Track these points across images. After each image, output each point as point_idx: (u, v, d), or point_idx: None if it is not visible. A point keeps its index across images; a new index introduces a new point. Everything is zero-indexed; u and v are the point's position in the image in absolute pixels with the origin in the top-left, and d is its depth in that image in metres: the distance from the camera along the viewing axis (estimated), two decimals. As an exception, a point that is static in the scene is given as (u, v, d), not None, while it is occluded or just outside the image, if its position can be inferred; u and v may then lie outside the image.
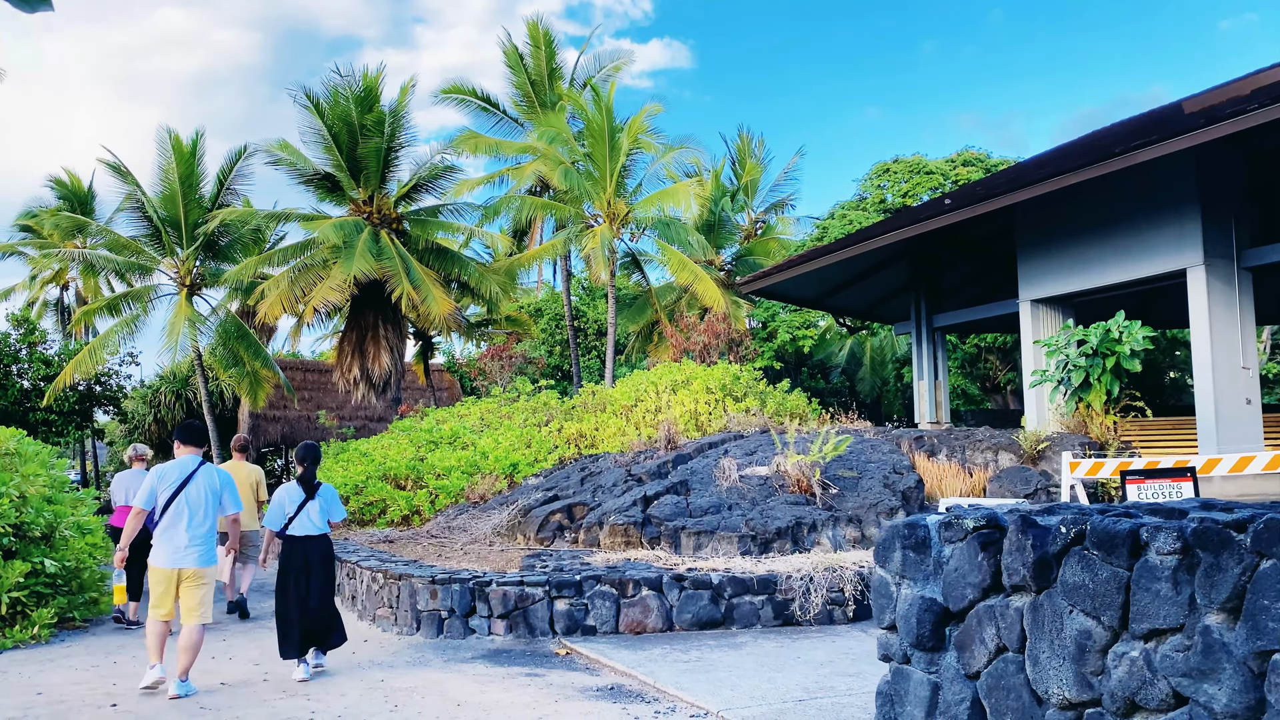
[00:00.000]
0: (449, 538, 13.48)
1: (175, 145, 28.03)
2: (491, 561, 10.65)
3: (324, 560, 7.98)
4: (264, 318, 25.53)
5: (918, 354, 20.13)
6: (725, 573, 8.87)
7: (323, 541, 8.00)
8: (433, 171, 26.55)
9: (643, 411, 20.08)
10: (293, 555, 7.83)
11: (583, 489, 13.58)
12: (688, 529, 10.75)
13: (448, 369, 39.18)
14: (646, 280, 31.57)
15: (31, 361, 29.75)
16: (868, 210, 29.08)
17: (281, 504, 7.93)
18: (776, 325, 28.47)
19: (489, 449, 18.35)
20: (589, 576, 8.74)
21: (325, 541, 8.04)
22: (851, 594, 8.65)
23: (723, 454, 13.06)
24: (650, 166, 28.61)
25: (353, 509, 16.98)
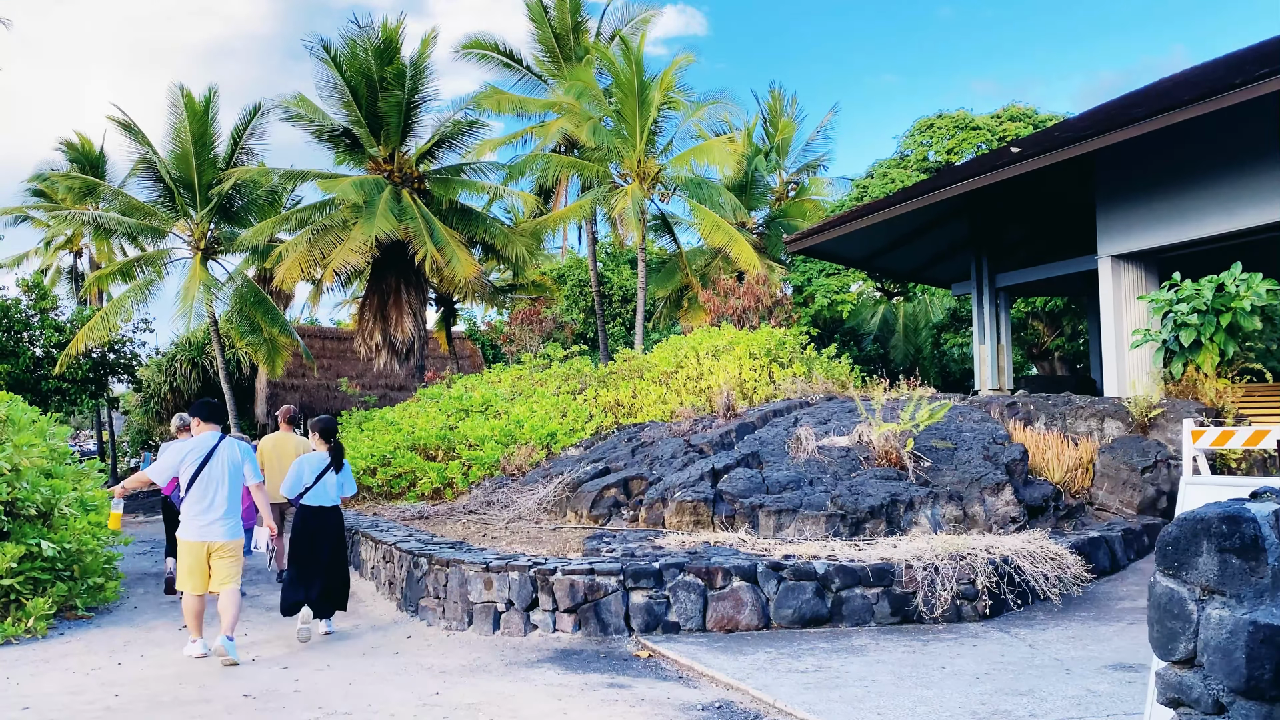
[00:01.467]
0: (489, 514, 12.14)
1: (188, 103, 26.61)
2: (545, 543, 9.29)
3: (338, 531, 8.20)
4: (280, 282, 24.14)
5: (979, 316, 18.63)
6: (830, 561, 7.48)
7: (335, 513, 8.23)
8: (455, 127, 25.03)
9: (683, 378, 18.69)
10: (309, 525, 7.99)
11: (635, 461, 12.21)
12: (766, 507, 9.37)
13: (470, 337, 37.83)
14: (677, 243, 30.04)
15: (43, 328, 28.45)
16: (909, 168, 27.48)
17: (300, 473, 8.10)
18: (813, 290, 26.97)
19: (524, 417, 17.01)
20: (670, 565, 7.36)
21: (338, 513, 8.27)
22: (984, 586, 7.25)
23: (793, 423, 11.65)
24: (682, 123, 26.97)
25: (381, 481, 15.69)
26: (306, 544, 7.93)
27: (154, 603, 9.84)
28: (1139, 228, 14.90)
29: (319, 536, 7.98)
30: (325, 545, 8.01)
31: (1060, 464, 10.34)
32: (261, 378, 33.08)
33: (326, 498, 8.09)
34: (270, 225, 24.61)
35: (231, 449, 7.47)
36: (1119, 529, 9.28)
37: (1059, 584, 7.53)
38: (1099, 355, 22.61)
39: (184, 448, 7.41)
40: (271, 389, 33.05)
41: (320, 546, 7.97)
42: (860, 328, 33.97)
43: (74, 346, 25.88)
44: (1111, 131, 13.09)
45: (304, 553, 7.91)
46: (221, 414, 7.90)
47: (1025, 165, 14.53)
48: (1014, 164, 14.73)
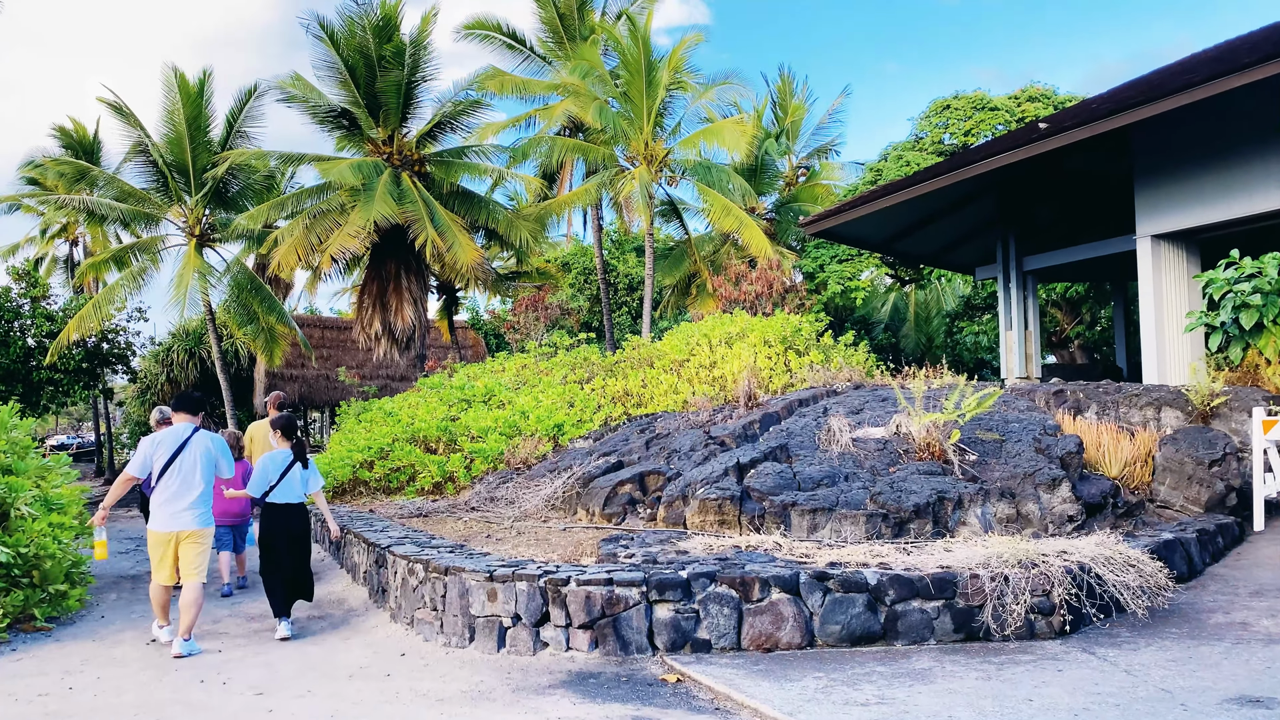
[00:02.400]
0: (493, 511, 11.18)
1: (181, 85, 25.58)
2: (555, 546, 8.33)
3: (304, 528, 8.13)
4: (276, 268, 23.17)
5: (1005, 301, 17.63)
6: (882, 569, 6.50)
7: (301, 509, 8.12)
8: (456, 108, 23.99)
9: (695, 367, 17.73)
10: (275, 522, 7.90)
11: (649, 454, 11.24)
12: (799, 505, 8.39)
13: (473, 326, 36.85)
14: (685, 229, 29.03)
15: (35, 317, 27.45)
16: (925, 151, 26.42)
17: (265, 471, 7.95)
18: (826, 276, 25.96)
19: (529, 408, 16.04)
20: (700, 574, 6.39)
21: (303, 511, 8.17)
22: (1061, 599, 6.27)
23: (822, 413, 10.67)
24: (691, 104, 25.98)
25: (378, 475, 14.73)
26: (277, 541, 7.88)
27: (125, 611, 8.89)
28: (1181, 205, 13.90)
29: (289, 533, 7.93)
30: (296, 541, 8.01)
31: (1117, 457, 9.36)
32: (260, 368, 32.13)
33: (292, 495, 7.99)
34: (266, 210, 23.61)
35: (205, 441, 7.41)
36: (1192, 530, 8.30)
37: (1143, 595, 6.55)
38: (1123, 342, 21.67)
39: (157, 438, 7.37)
40: (270, 379, 32.10)
41: (291, 542, 7.94)
42: (871, 316, 32.99)
43: (65, 336, 24.92)
44: (1159, 100, 12.08)
45: (276, 550, 7.86)
46: (198, 405, 7.70)
47: (1063, 138, 13.52)
48: (1050, 137, 13.72)
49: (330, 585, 9.69)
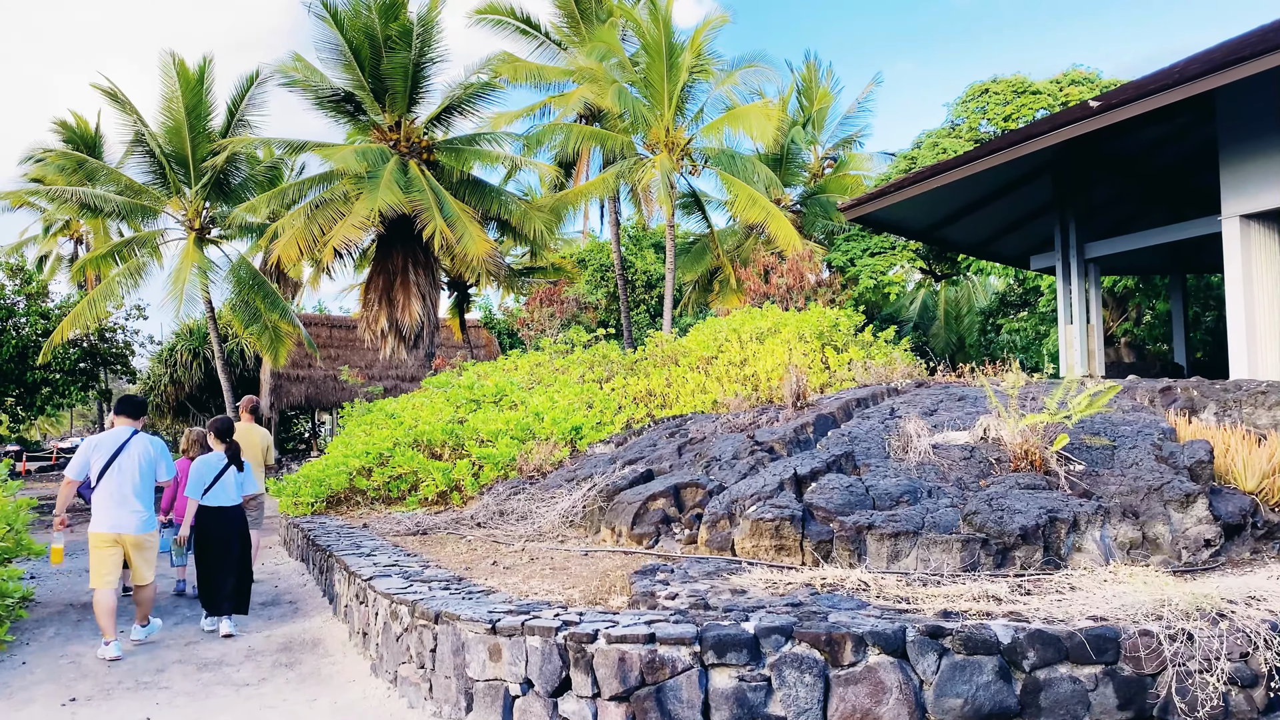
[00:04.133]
0: (502, 528, 9.55)
1: (181, 72, 24.15)
2: (576, 577, 6.68)
3: (241, 530, 8.04)
4: (275, 260, 21.58)
5: (1064, 292, 15.89)
6: (1015, 621, 4.82)
7: (238, 511, 8.07)
8: (467, 91, 22.40)
9: (725, 364, 16.07)
10: (211, 525, 7.84)
11: (683, 462, 9.58)
12: (876, 528, 6.72)
13: (485, 325, 35.25)
14: (708, 221, 27.33)
15: (29, 315, 26.01)
16: (961, 138, 24.70)
17: (200, 474, 7.87)
18: (857, 271, 24.24)
19: (544, 409, 14.41)
20: (772, 629, 4.72)
21: (240, 511, 8.11)
22: (1271, 665, 4.57)
23: (889, 414, 8.99)
24: (714, 89, 24.30)
25: (377, 484, 13.12)
26: (214, 543, 7.79)
27: (57, 652, 7.26)
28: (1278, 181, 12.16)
29: (225, 536, 7.84)
30: (233, 543, 7.88)
31: (1253, 467, 7.63)
32: (266, 368, 30.63)
33: (227, 497, 7.93)
34: (265, 200, 22.09)
35: (143, 444, 7.25)
36: (1370, 560, 6.58)
37: (1364, 657, 4.84)
38: (1182, 338, 19.88)
39: (94, 441, 7.22)
40: (276, 380, 30.59)
41: (228, 545, 7.83)
42: (899, 314, 31.24)
43: (59, 334, 23.47)
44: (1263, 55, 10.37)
45: (214, 552, 7.79)
46: (139, 409, 7.55)
47: (1145, 104, 11.81)
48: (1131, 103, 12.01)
49: (307, 620, 8.06)
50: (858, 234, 25.61)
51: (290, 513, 13.18)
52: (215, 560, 7.73)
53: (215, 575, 7.69)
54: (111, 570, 6.96)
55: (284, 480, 14.15)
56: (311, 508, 13.08)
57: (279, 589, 9.52)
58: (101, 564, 6.93)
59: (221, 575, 7.68)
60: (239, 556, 7.89)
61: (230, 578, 7.73)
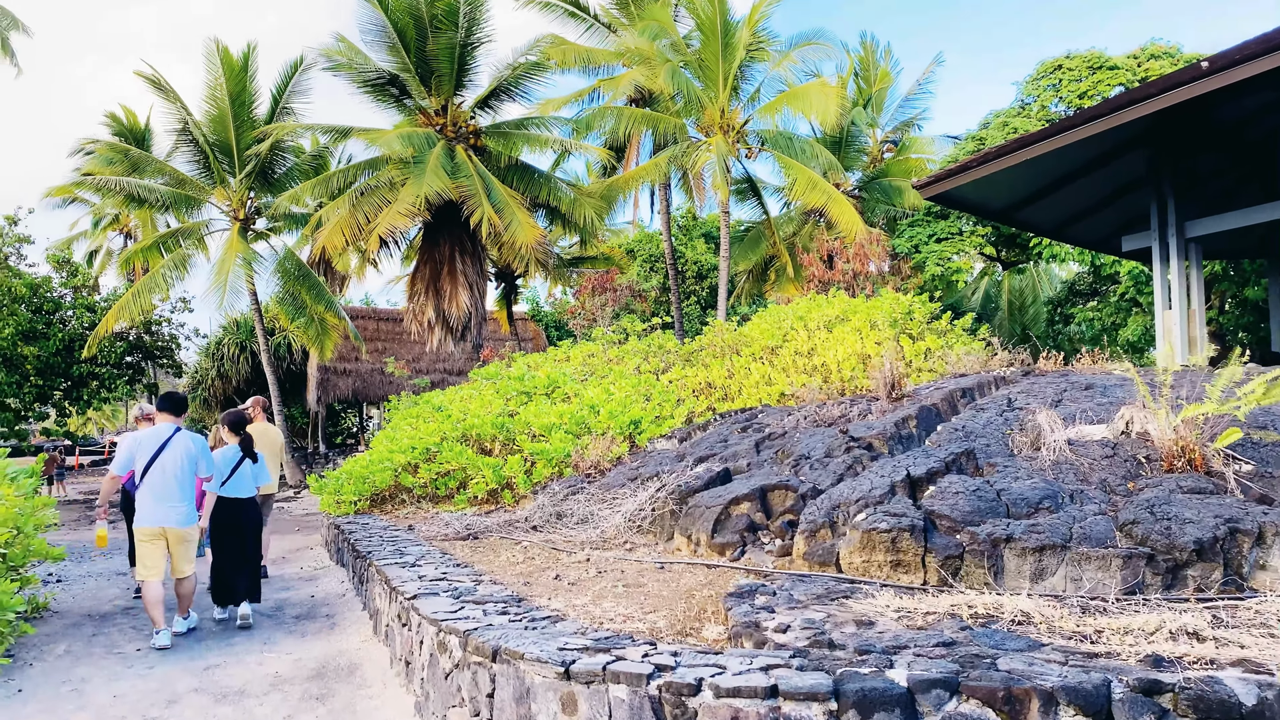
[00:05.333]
0: (561, 532, 8.49)
1: (225, 59, 23.42)
2: (654, 597, 5.59)
3: (253, 522, 8.11)
4: (320, 250, 20.72)
5: (1161, 274, 14.47)
6: (1254, 674, 3.63)
7: (252, 504, 8.14)
8: (515, 72, 21.38)
9: (790, 354, 14.90)
10: (225, 516, 7.87)
11: (762, 459, 8.44)
12: (1015, 541, 5.53)
13: (532, 318, 34.30)
14: (764, 207, 26.06)
15: (76, 308, 25.48)
16: (1032, 117, 23.21)
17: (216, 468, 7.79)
18: (923, 257, 22.86)
19: (599, 402, 13.36)
20: (931, 681, 3.58)
21: (254, 504, 8.19)
22: None
23: (1006, 405, 7.77)
24: (771, 69, 23.03)
25: (424, 480, 12.14)
26: (230, 535, 7.88)
27: (61, 676, 6.32)
28: None
29: (239, 526, 7.93)
30: (249, 535, 7.99)
31: None
32: (313, 362, 29.95)
33: (243, 489, 8.05)
34: (310, 187, 21.25)
35: (186, 441, 7.35)
36: None
37: None
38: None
39: (139, 437, 7.30)
40: (322, 374, 29.89)
41: (241, 536, 7.92)
42: (960, 304, 29.76)
43: (104, 327, 22.86)
44: None
45: (229, 543, 7.87)
46: (181, 406, 7.60)
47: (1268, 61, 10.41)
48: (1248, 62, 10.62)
49: (344, 638, 7.03)
50: (922, 219, 24.23)
51: (332, 512, 12.25)
52: (231, 551, 7.82)
53: (229, 566, 7.78)
54: (158, 562, 7.07)
55: (326, 477, 13.25)
56: (354, 506, 12.15)
57: (315, 598, 8.54)
58: (147, 556, 7.05)
59: (235, 566, 7.78)
60: (252, 548, 8.01)
61: (245, 569, 7.82)
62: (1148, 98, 11.85)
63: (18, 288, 23.66)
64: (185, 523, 7.20)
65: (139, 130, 33.32)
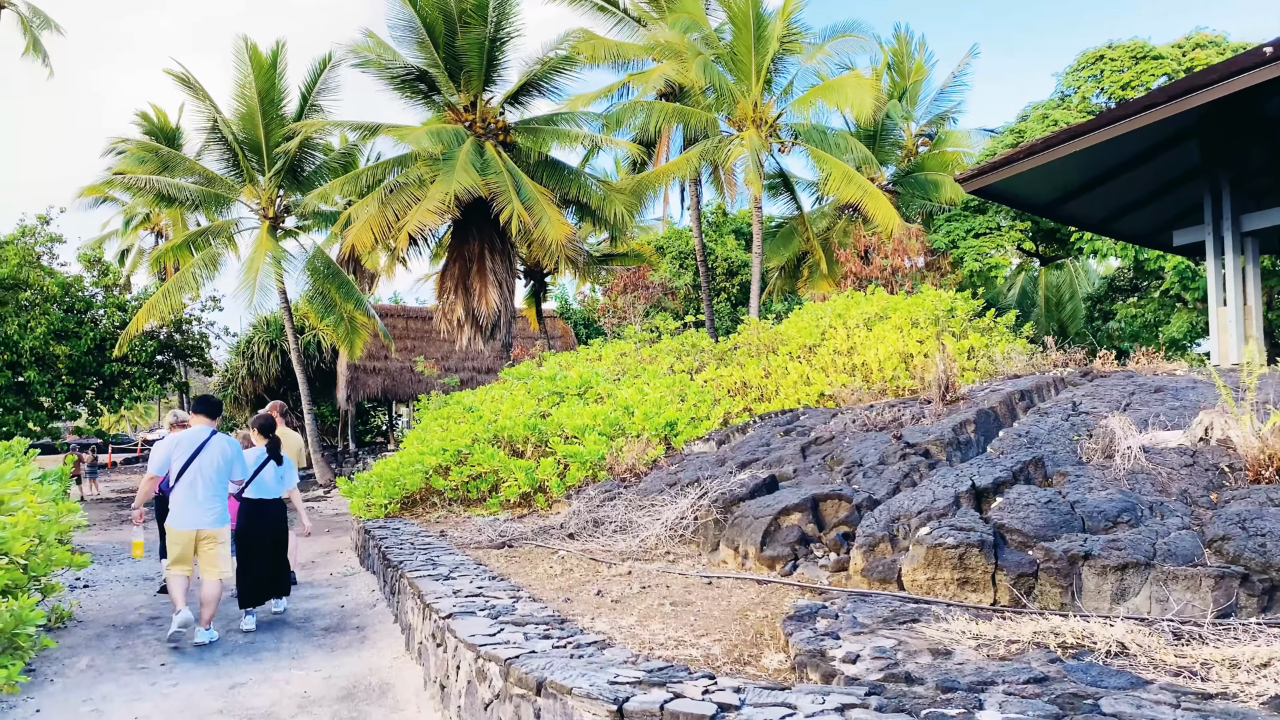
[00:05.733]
0: (599, 540, 8.13)
1: (254, 57, 23.27)
2: (705, 616, 5.21)
3: (280, 522, 8.13)
4: (347, 248, 20.51)
5: (1215, 269, 13.93)
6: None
7: (278, 504, 8.17)
8: (545, 66, 21.04)
9: (829, 353, 14.46)
10: (252, 517, 7.94)
11: (808, 465, 8.05)
12: (1094, 558, 5.12)
13: (561, 315, 34.02)
14: (797, 202, 25.59)
15: (106, 307, 25.45)
16: (1072, 109, 22.59)
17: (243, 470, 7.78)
18: (961, 252, 22.31)
19: (633, 402, 13.00)
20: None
21: (280, 505, 8.20)
22: None
23: (1072, 409, 7.33)
24: (804, 61, 22.58)
25: (454, 483, 11.83)
26: (254, 534, 7.94)
27: (80, 694, 6.04)
28: None
29: (264, 527, 8.00)
30: (270, 535, 8.03)
31: None
32: (342, 361, 29.81)
33: (267, 490, 8.10)
34: (339, 185, 21.03)
35: (222, 444, 7.40)
36: None
37: None
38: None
39: (175, 439, 7.35)
40: (352, 372, 29.74)
41: (266, 536, 7.98)
42: (996, 301, 29.13)
43: (135, 326, 22.80)
44: None
45: (253, 542, 7.92)
46: (216, 409, 7.68)
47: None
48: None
49: (376, 653, 6.71)
50: (959, 214, 23.67)
51: (362, 515, 11.97)
52: (256, 551, 7.88)
53: (255, 566, 7.83)
54: (187, 557, 7.14)
55: (355, 478, 12.99)
56: (385, 510, 11.87)
57: (345, 609, 8.24)
58: (179, 557, 7.13)
59: (261, 566, 7.84)
60: (277, 548, 8.09)
61: (269, 569, 7.91)
62: (1207, 85, 11.34)
63: (50, 287, 23.65)
64: (218, 524, 7.27)
65: (169, 129, 33.33)
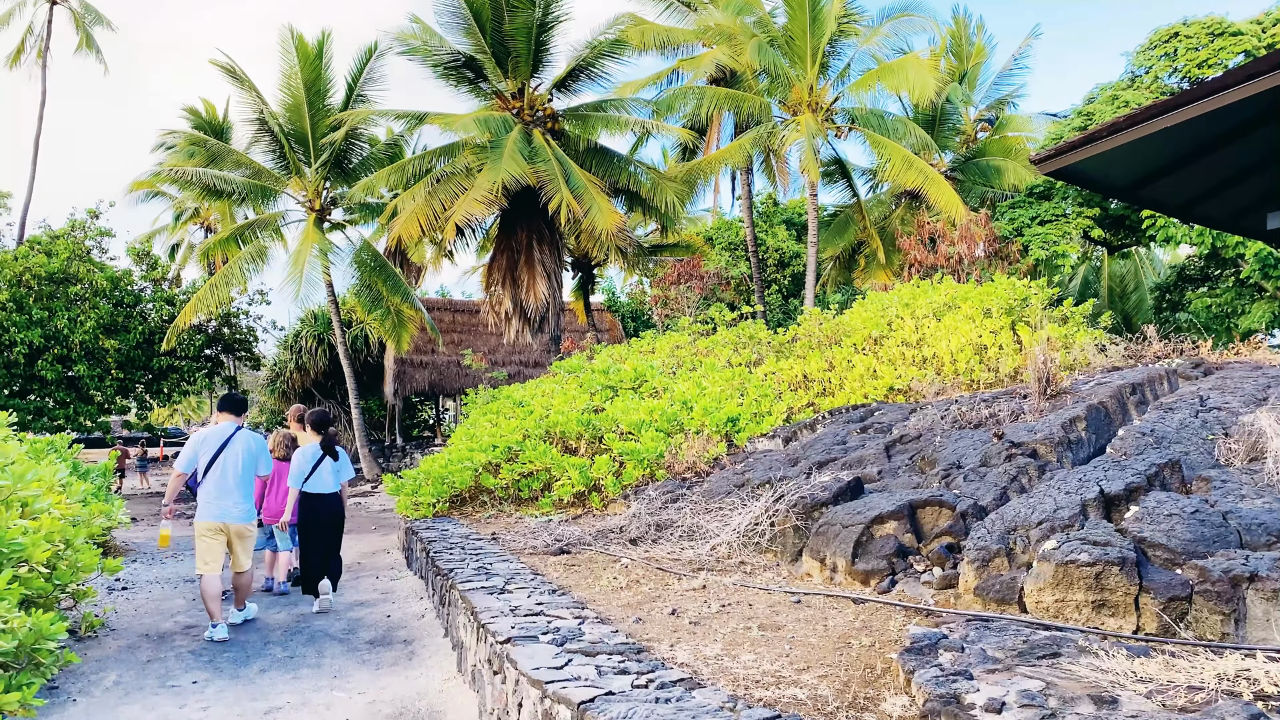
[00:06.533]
0: (663, 546, 7.46)
1: (300, 47, 22.93)
2: (804, 643, 4.50)
3: (337, 515, 8.41)
4: (394, 240, 20.04)
5: (1318, 254, 12.91)
6: None
7: (335, 499, 8.42)
8: (594, 51, 20.37)
9: (897, 345, 13.65)
10: (311, 510, 8.24)
11: (894, 466, 7.29)
12: (1260, 579, 4.33)
13: (608, 308, 33.39)
14: (854, 189, 24.69)
15: (155, 301, 25.28)
16: (1143, 90, 21.45)
17: (300, 465, 8.25)
18: (1026, 240, 21.28)
19: (691, 397, 12.30)
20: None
21: (338, 499, 8.45)
22: None
23: (1199, 405, 6.50)
24: (861, 44, 21.70)
25: (505, 482, 11.22)
26: (315, 528, 8.20)
27: (108, 714, 5.49)
28: None
29: (322, 520, 8.24)
30: (329, 527, 8.29)
31: None
32: (389, 355, 29.48)
33: (324, 485, 8.29)
34: (385, 175, 20.56)
35: (246, 440, 7.50)
36: None
37: None
38: None
39: (201, 436, 7.45)
40: (399, 366, 29.39)
41: (324, 528, 8.24)
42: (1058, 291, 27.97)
43: (182, 319, 22.54)
44: None
45: (315, 536, 8.19)
46: (241, 406, 7.84)
47: None
48: None
49: (425, 672, 6.09)
50: (1023, 200, 22.62)
51: (409, 514, 11.41)
52: (316, 543, 8.19)
53: (314, 557, 8.16)
54: (216, 557, 7.21)
55: (402, 475, 12.44)
56: (433, 509, 11.29)
57: (392, 619, 7.64)
58: (207, 550, 7.20)
59: (319, 558, 8.17)
60: (334, 540, 8.35)
61: (328, 560, 8.23)
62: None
63: (99, 281, 23.51)
64: (245, 519, 7.39)
65: (217, 123, 33.21)
